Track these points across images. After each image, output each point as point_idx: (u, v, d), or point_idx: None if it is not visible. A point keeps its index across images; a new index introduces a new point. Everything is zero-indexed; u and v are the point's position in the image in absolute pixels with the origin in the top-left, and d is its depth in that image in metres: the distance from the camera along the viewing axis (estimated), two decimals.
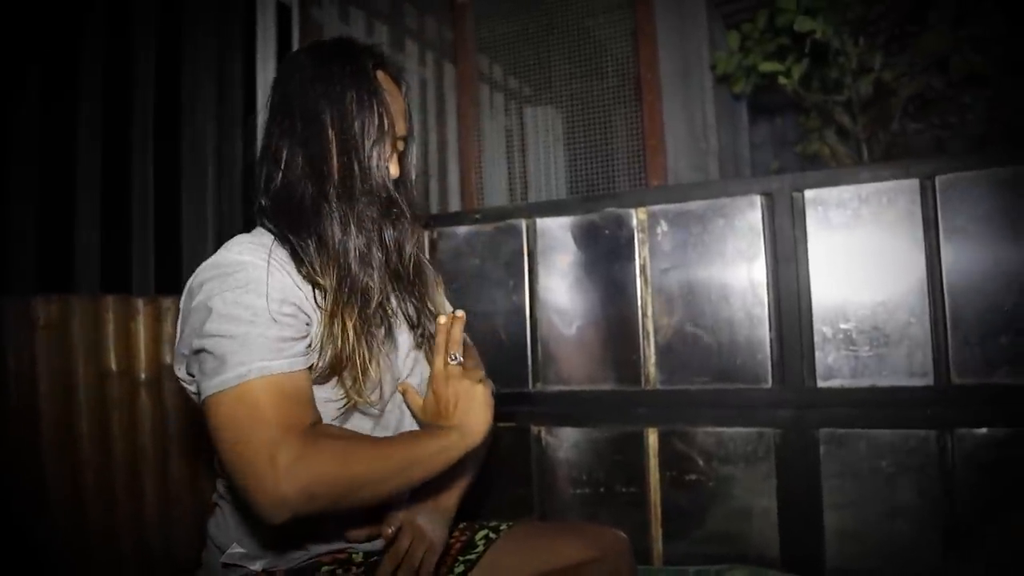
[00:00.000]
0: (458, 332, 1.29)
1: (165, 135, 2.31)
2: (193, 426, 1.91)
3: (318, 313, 1.18)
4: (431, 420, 1.26)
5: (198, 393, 1.13)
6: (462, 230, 2.17)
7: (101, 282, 2.09)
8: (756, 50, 2.84)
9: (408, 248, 1.29)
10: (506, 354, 2.08)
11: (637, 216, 1.99)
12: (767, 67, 2.68)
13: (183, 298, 1.19)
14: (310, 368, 1.15)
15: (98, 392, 1.74)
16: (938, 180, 1.77)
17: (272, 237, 1.22)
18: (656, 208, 1.97)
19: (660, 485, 1.96)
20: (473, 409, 1.23)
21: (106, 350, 1.77)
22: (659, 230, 1.97)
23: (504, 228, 2.13)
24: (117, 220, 2.17)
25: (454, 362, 1.28)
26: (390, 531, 1.25)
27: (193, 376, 1.17)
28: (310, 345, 1.16)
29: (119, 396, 1.78)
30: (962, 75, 2.48)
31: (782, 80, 2.55)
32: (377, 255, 1.24)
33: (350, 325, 1.17)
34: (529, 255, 2.09)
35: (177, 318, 1.22)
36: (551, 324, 2.06)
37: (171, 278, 2.28)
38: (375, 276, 1.23)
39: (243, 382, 1.05)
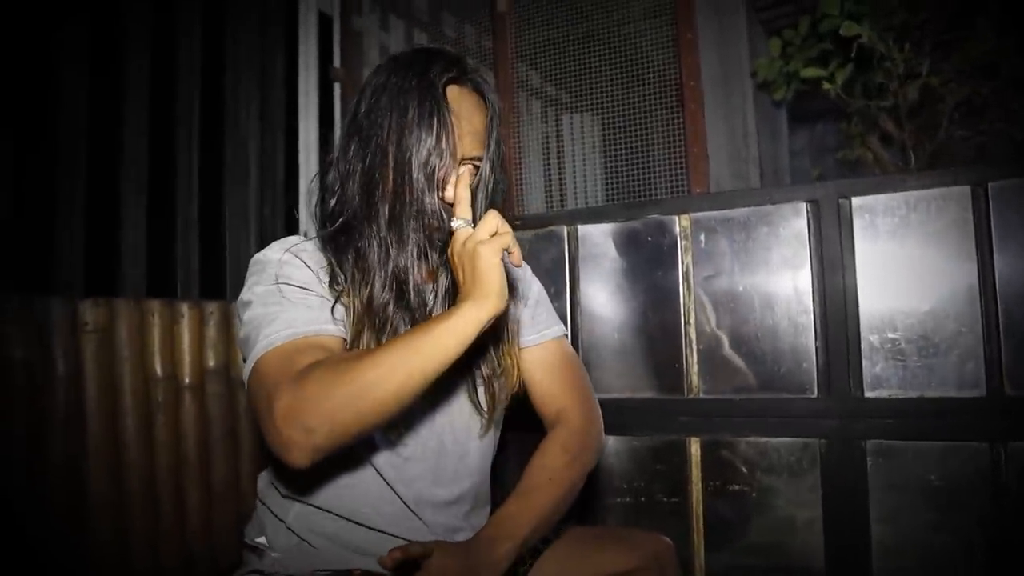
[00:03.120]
0: (462, 191, 1.17)
1: (209, 139, 2.35)
2: (235, 432, 1.93)
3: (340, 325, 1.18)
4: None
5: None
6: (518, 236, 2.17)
7: (146, 286, 2.12)
8: (798, 56, 2.81)
9: (441, 275, 1.27)
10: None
11: (680, 223, 1.98)
12: (809, 73, 2.65)
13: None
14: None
15: (143, 396, 1.76)
16: (991, 187, 1.73)
17: (313, 242, 1.25)
18: (699, 215, 1.96)
19: (702, 495, 1.94)
20: (479, 272, 1.06)
21: (151, 354, 1.79)
22: (702, 237, 1.95)
23: (545, 235, 2.12)
24: (162, 223, 2.21)
25: (460, 225, 1.13)
26: (390, 560, 1.10)
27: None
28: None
29: (164, 401, 1.80)
30: (1009, 80, 2.43)
31: (826, 86, 2.51)
32: (414, 281, 1.22)
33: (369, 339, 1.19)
34: (571, 262, 2.09)
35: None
36: (593, 332, 2.05)
37: (214, 282, 2.31)
38: (402, 304, 1.22)
39: (267, 351, 1.08)
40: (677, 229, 1.98)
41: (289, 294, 1.14)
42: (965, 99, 2.49)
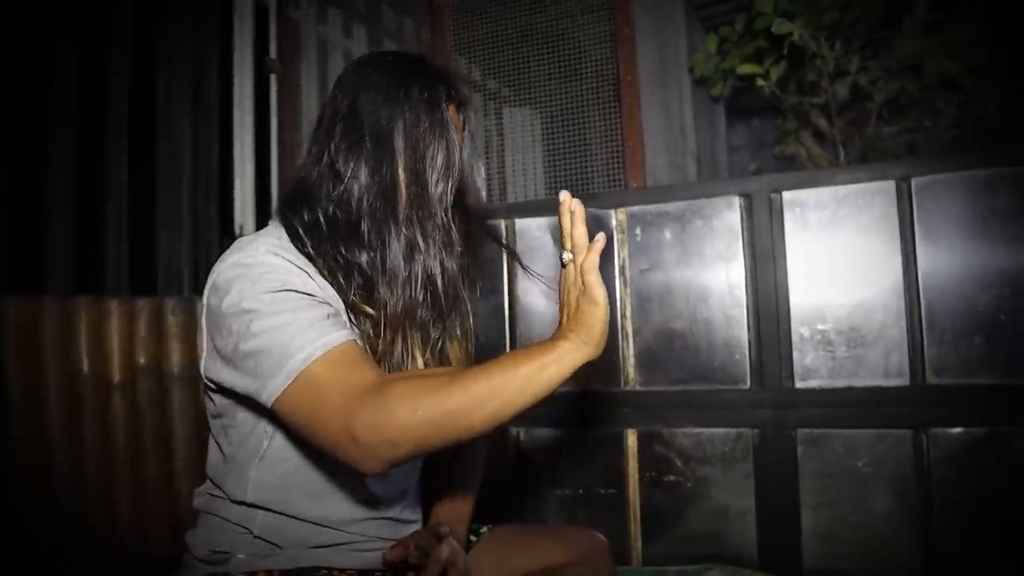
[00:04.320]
0: (567, 221, 1.11)
1: (140, 131, 2.28)
2: (168, 429, 1.89)
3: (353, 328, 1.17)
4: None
5: (247, 396, 1.10)
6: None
7: (73, 283, 2.06)
8: (734, 53, 2.86)
9: (459, 283, 1.27)
10: (483, 357, 2.07)
11: (616, 217, 2.00)
12: (745, 69, 2.70)
13: (208, 295, 1.14)
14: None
15: (69, 395, 1.71)
16: (914, 182, 1.79)
17: (289, 244, 1.20)
18: (635, 209, 1.98)
19: (639, 486, 1.96)
20: (591, 318, 1.04)
21: (77, 352, 1.74)
22: (638, 231, 1.97)
23: (497, 234, 2.12)
24: (90, 219, 2.14)
25: (569, 259, 1.10)
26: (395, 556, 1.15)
27: (217, 386, 1.15)
28: None
29: (91, 399, 1.75)
30: (935, 79, 2.50)
31: (760, 82, 2.56)
32: (439, 282, 1.21)
33: (400, 344, 1.17)
34: (508, 255, 2.09)
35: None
36: (530, 326, 2.06)
37: (146, 278, 2.25)
38: (435, 307, 1.21)
39: (309, 364, 1.04)
40: (613, 223, 2.00)
41: (300, 302, 1.10)
42: (893, 97, 2.56)
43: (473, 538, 1.40)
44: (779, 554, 1.85)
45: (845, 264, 1.82)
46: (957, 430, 1.74)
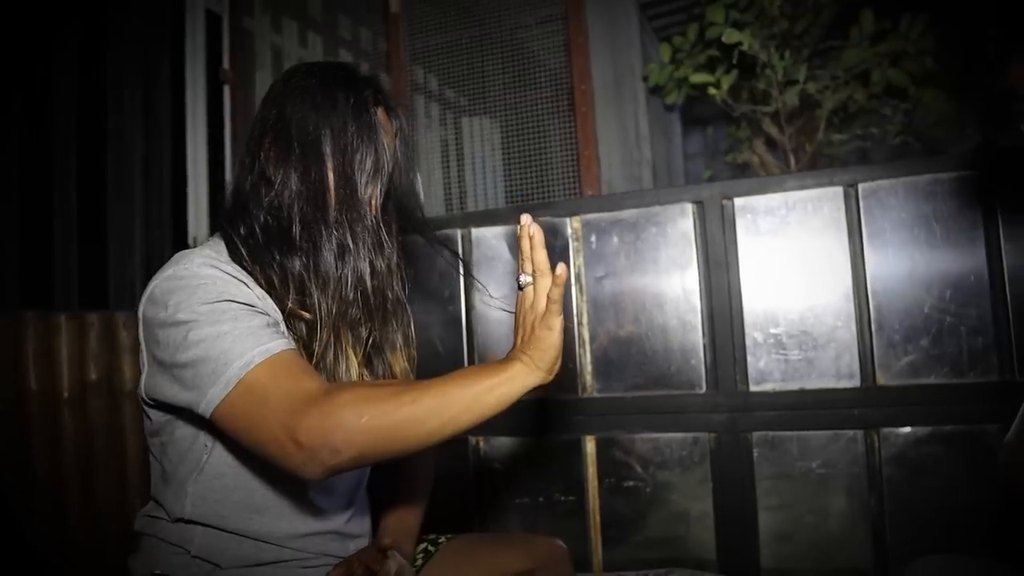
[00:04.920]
0: (526, 244, 1.09)
1: (90, 142, 2.24)
2: (120, 445, 1.86)
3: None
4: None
5: (185, 409, 1.08)
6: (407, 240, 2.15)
7: (21, 298, 2.01)
8: (687, 62, 2.90)
9: (392, 284, 1.26)
10: (441, 364, 2.07)
11: (571, 225, 2.01)
12: (698, 78, 2.74)
13: (144, 307, 1.12)
14: None
15: (15, 412, 1.67)
16: (860, 188, 1.83)
17: (224, 254, 1.19)
18: (590, 217, 1.99)
19: (599, 492, 1.97)
20: (545, 343, 1.05)
21: (24, 369, 1.71)
22: (593, 238, 1.99)
23: (439, 238, 2.12)
24: (39, 233, 2.10)
25: (528, 282, 1.09)
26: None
27: (155, 401, 1.13)
28: None
29: (39, 415, 1.72)
30: (881, 88, 2.56)
31: (712, 91, 2.60)
32: (369, 282, 1.21)
33: (334, 346, 1.17)
34: (467, 267, 2.09)
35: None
36: (487, 334, 2.06)
37: (98, 292, 2.21)
38: (367, 310, 1.21)
39: (248, 370, 1.03)
40: (569, 231, 2.01)
41: (239, 312, 1.09)
42: (841, 105, 2.61)
43: (432, 548, 1.40)
44: (737, 556, 1.88)
45: (796, 268, 1.86)
46: (906, 429, 1.78)
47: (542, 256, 1.08)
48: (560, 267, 1.06)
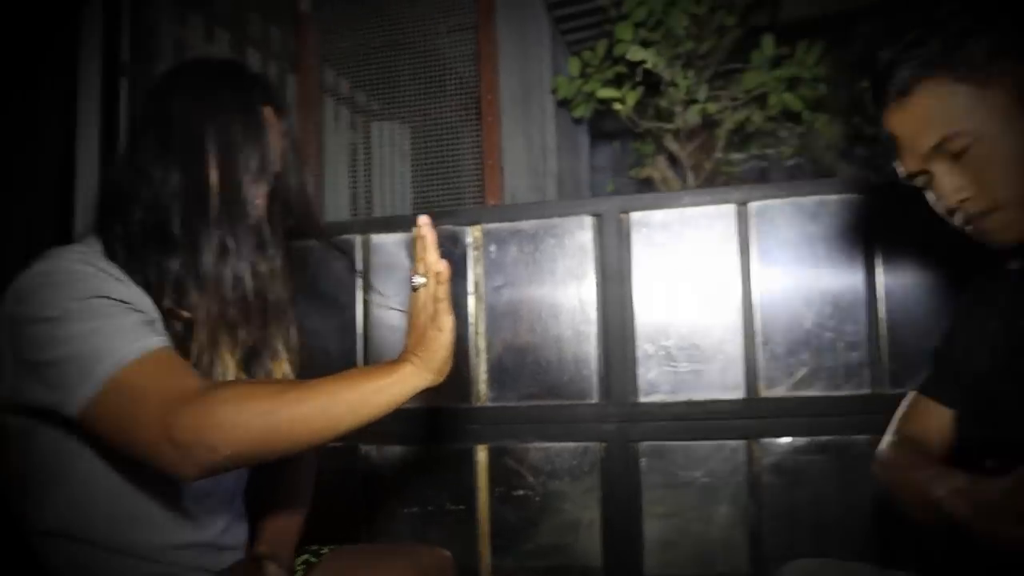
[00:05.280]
0: (420, 246, 1.10)
1: None
2: None
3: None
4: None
5: (48, 412, 1.02)
6: (298, 245, 2.12)
7: None
8: (596, 77, 2.95)
9: (275, 287, 1.24)
10: (336, 370, 2.04)
11: (472, 234, 2.02)
12: (605, 93, 2.79)
13: (8, 305, 1.06)
14: None
15: None
16: (751, 207, 1.89)
17: (100, 252, 1.14)
18: (491, 227, 2.01)
19: (489, 502, 1.98)
20: (436, 344, 1.05)
21: None
22: (493, 248, 2.00)
23: (338, 244, 2.10)
24: None
25: (421, 283, 1.09)
26: None
27: (15, 405, 1.07)
28: None
29: None
30: (778, 111, 2.66)
31: (617, 106, 2.66)
32: (250, 283, 1.18)
33: (210, 347, 1.14)
34: (364, 271, 2.07)
35: None
36: (384, 341, 2.05)
37: None
38: (242, 308, 1.17)
39: (121, 368, 0.98)
40: (469, 240, 2.02)
41: (112, 309, 1.04)
42: (739, 126, 2.70)
43: (313, 559, 1.37)
44: (622, 563, 1.91)
45: (688, 283, 1.91)
46: (786, 439, 1.84)
47: (434, 257, 1.08)
48: (442, 264, 1.07)
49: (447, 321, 1.06)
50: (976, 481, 0.97)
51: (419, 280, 1.09)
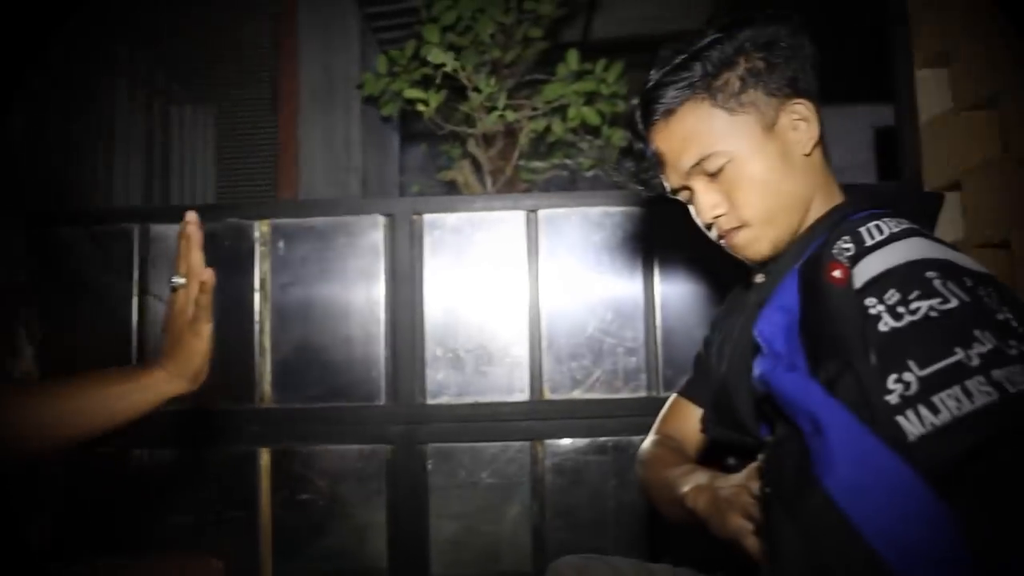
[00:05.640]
0: (183, 244, 1.05)
1: None
2: None
3: None
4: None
5: None
6: (65, 232, 1.96)
7: None
8: (403, 76, 2.93)
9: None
10: (105, 367, 1.91)
11: (259, 229, 1.94)
12: (411, 94, 2.77)
13: None
14: None
15: None
16: (540, 214, 1.94)
17: None
18: (279, 222, 1.94)
19: (272, 507, 1.91)
20: (191, 349, 1.01)
21: None
22: (281, 244, 1.94)
23: (114, 233, 1.96)
24: None
25: (180, 283, 1.03)
26: None
27: None
28: None
29: None
30: (578, 123, 2.76)
31: (420, 107, 2.65)
32: None
33: None
34: (141, 263, 1.95)
35: None
36: (160, 338, 1.93)
37: None
38: None
39: None
40: (256, 235, 1.94)
41: None
42: (540, 135, 2.78)
43: None
44: (408, 565, 1.90)
45: (478, 286, 1.93)
46: (568, 440, 1.91)
47: (197, 258, 1.03)
48: (207, 272, 1.02)
49: (206, 328, 1.02)
50: (715, 478, 1.03)
51: (179, 280, 1.04)
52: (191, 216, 1.04)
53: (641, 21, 4.46)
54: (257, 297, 1.93)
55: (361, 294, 1.93)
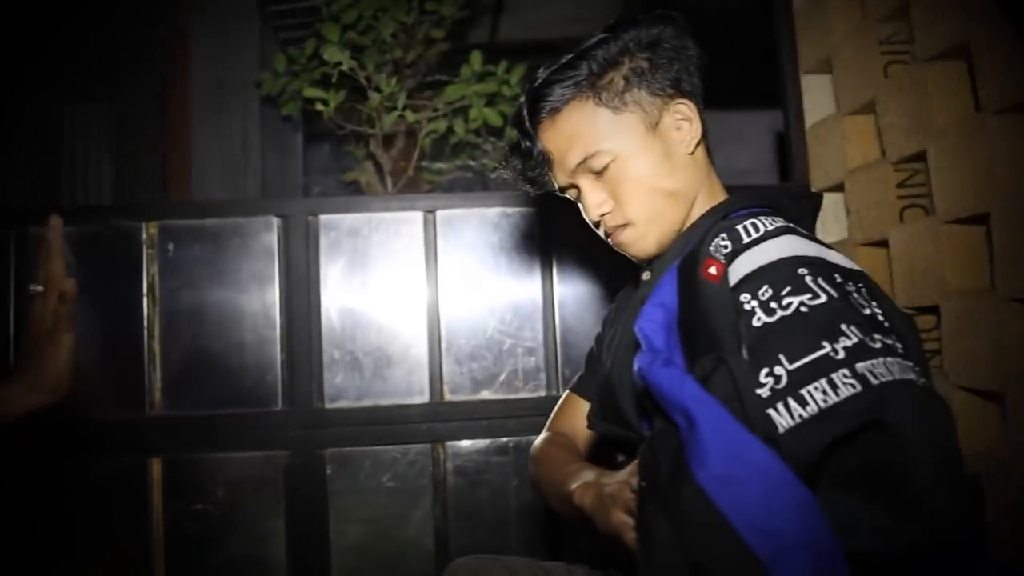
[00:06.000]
0: (44, 249, 1.02)
1: None
2: None
3: None
4: None
5: None
6: None
7: None
8: (304, 76, 2.88)
9: None
10: None
11: (147, 231, 1.88)
12: (310, 93, 2.72)
13: None
14: None
15: None
16: (438, 215, 1.94)
17: None
18: (169, 223, 1.88)
19: (164, 518, 1.84)
20: (50, 358, 0.98)
21: None
22: (170, 247, 1.87)
23: None
24: None
25: (37, 291, 1.00)
26: None
27: None
28: None
29: None
30: (480, 124, 2.75)
31: (319, 107, 2.60)
32: None
33: None
34: (16, 269, 1.85)
35: None
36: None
37: None
38: None
39: None
40: (144, 237, 1.87)
41: None
42: (443, 136, 2.76)
43: None
44: (309, 573, 1.86)
45: (376, 288, 1.91)
46: (469, 442, 1.90)
47: (58, 266, 1.00)
48: (69, 282, 0.99)
49: (66, 338, 0.99)
50: (601, 475, 1.04)
51: (36, 288, 1.00)
52: (54, 221, 1.01)
53: (548, 25, 4.50)
54: (146, 301, 1.85)
55: (255, 297, 1.88)
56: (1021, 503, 1.29)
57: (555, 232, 1.96)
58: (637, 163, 1.11)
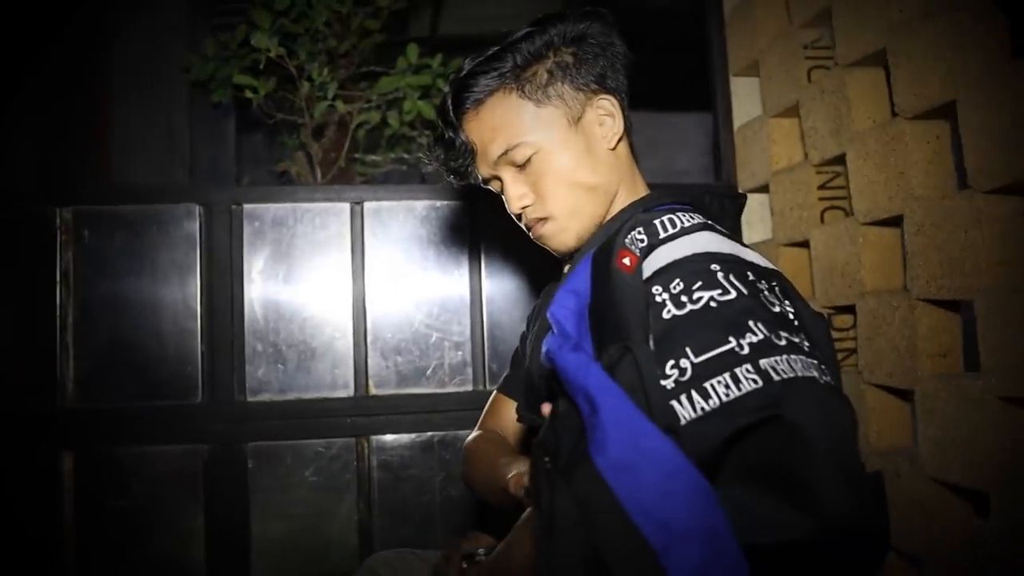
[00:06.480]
0: None
1: None
2: None
3: None
4: None
5: None
6: None
7: None
8: (234, 62, 2.81)
9: None
10: None
11: (61, 216, 1.81)
12: (240, 79, 2.66)
13: None
14: None
15: None
16: (366, 206, 1.91)
17: None
18: (85, 208, 1.82)
19: (76, 517, 1.78)
20: None
21: None
22: (87, 233, 1.81)
23: None
24: None
25: None
26: None
27: None
28: None
29: None
30: (414, 116, 2.73)
31: (248, 94, 2.55)
32: None
33: None
34: None
35: None
36: None
37: None
38: None
39: None
40: (58, 222, 1.81)
41: None
42: (376, 128, 2.73)
43: None
44: (229, 569, 1.83)
45: (300, 279, 1.88)
46: (394, 436, 1.89)
47: None
48: None
49: None
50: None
51: None
52: None
53: (488, 20, 4.49)
54: (59, 290, 1.79)
55: (175, 287, 1.83)
56: (930, 495, 1.33)
57: (484, 226, 1.95)
58: (558, 157, 1.11)
